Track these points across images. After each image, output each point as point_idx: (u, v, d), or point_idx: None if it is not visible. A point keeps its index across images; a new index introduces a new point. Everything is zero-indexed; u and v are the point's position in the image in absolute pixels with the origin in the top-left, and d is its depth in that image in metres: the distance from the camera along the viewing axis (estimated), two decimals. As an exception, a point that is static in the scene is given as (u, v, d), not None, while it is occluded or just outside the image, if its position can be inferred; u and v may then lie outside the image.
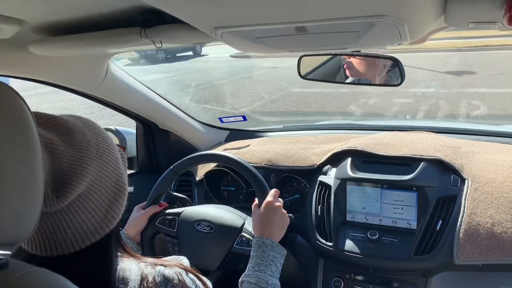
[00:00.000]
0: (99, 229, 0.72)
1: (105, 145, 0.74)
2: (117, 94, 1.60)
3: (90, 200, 0.71)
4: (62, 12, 0.94)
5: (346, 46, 0.99)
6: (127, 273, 0.73)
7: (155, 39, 0.94)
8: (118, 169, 0.75)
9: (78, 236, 0.70)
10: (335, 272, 1.44)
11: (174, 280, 0.75)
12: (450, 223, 1.28)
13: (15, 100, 0.57)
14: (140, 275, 0.74)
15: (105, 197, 0.73)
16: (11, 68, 1.27)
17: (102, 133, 0.76)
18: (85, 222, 0.71)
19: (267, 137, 2.00)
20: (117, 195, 0.75)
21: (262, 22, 0.75)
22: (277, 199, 1.24)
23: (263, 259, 1.09)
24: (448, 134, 1.70)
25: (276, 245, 1.13)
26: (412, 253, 1.29)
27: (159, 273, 0.75)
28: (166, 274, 0.76)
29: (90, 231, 0.71)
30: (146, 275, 0.74)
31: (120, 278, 0.72)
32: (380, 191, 1.40)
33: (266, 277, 1.05)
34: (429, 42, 7.04)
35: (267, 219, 1.18)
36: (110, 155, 0.74)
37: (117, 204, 0.75)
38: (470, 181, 1.33)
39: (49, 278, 0.61)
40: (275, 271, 1.09)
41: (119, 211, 0.76)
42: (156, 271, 0.75)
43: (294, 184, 1.63)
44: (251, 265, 1.09)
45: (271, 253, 1.11)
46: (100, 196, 0.72)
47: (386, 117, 6.54)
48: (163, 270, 0.76)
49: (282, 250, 1.14)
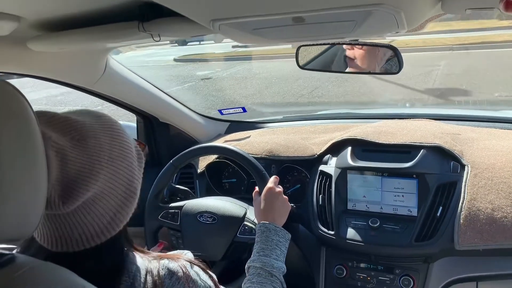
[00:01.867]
0: (106, 231, 0.72)
1: (119, 149, 0.73)
2: (116, 89, 1.60)
3: (98, 205, 0.70)
4: (60, 7, 0.94)
5: (343, 36, 0.99)
6: (132, 267, 0.74)
7: (153, 33, 0.94)
8: (130, 173, 0.74)
9: (84, 236, 0.71)
10: (338, 260, 1.45)
11: (178, 272, 0.76)
12: (451, 209, 1.29)
13: (18, 99, 0.57)
14: (145, 269, 0.74)
15: (114, 202, 0.72)
16: (10, 65, 1.27)
17: (118, 135, 0.74)
18: (92, 225, 0.71)
19: (267, 128, 2.00)
20: (126, 199, 0.74)
21: (259, 13, 0.75)
22: (277, 185, 1.25)
23: (267, 244, 1.10)
24: (447, 121, 1.70)
25: (280, 230, 1.15)
26: (413, 240, 1.30)
27: (164, 266, 0.76)
28: (171, 267, 0.76)
29: (96, 232, 0.71)
30: (151, 269, 0.75)
31: (125, 271, 0.73)
32: (380, 179, 1.41)
33: (271, 261, 1.07)
34: (415, 37, 6.98)
35: (268, 205, 1.20)
36: (123, 160, 0.73)
37: (126, 208, 0.74)
38: (469, 167, 1.34)
39: (55, 272, 0.62)
40: (280, 255, 1.10)
41: (127, 214, 0.75)
42: (161, 265, 0.76)
43: (295, 174, 1.64)
44: (256, 250, 1.10)
45: (275, 238, 1.12)
46: (108, 201, 0.71)
47: (385, 105, 6.54)
48: (168, 263, 0.77)
49: (286, 234, 1.15)
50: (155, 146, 1.89)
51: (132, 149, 0.77)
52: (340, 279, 1.44)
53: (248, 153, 1.53)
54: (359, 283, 1.41)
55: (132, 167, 0.75)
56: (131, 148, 0.76)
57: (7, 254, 0.60)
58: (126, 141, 0.75)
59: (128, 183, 0.74)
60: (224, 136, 1.95)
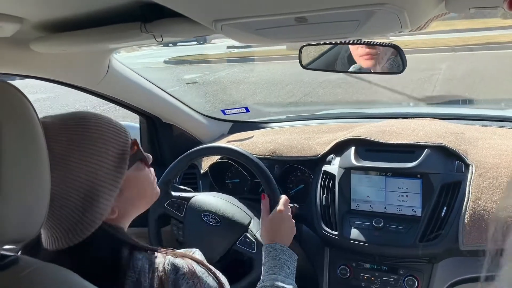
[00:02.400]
0: (79, 232, 0.74)
1: (75, 154, 0.72)
2: (119, 89, 1.60)
3: (54, 209, 0.72)
4: (62, 9, 0.94)
5: (346, 35, 0.98)
6: (138, 263, 0.75)
7: (156, 34, 0.94)
8: (90, 180, 0.73)
9: (65, 233, 0.74)
10: (341, 261, 1.45)
11: (183, 268, 0.76)
12: (455, 209, 1.28)
13: (21, 100, 0.58)
14: (150, 265, 0.75)
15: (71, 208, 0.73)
16: (13, 66, 1.27)
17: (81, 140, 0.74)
18: (60, 225, 0.73)
19: (270, 128, 2.00)
20: (88, 206, 0.74)
21: (262, 14, 0.75)
22: (287, 207, 1.23)
23: (275, 262, 1.08)
24: (452, 120, 1.69)
25: (286, 249, 1.12)
26: (417, 240, 1.29)
27: (169, 262, 0.76)
28: (176, 263, 0.76)
29: (72, 229, 0.73)
30: (157, 264, 0.75)
31: (131, 267, 0.74)
32: (384, 179, 1.40)
33: (281, 278, 1.04)
34: (414, 38, 6.74)
35: (277, 227, 1.18)
36: (79, 165, 0.72)
37: (90, 213, 0.74)
38: (474, 167, 1.33)
39: (58, 273, 0.62)
40: (289, 274, 1.07)
41: (94, 218, 0.75)
42: (166, 260, 0.77)
43: (298, 174, 1.64)
44: (265, 270, 1.07)
45: (282, 257, 1.10)
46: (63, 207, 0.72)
47: (388, 104, 6.49)
48: (173, 259, 0.77)
49: (293, 255, 1.13)
50: (158, 147, 1.89)
51: (101, 152, 0.75)
52: (344, 280, 1.43)
53: (251, 153, 1.53)
54: (363, 283, 1.41)
55: (95, 172, 0.74)
56: (98, 151, 0.75)
57: (11, 256, 0.60)
58: (93, 144, 0.75)
59: (87, 189, 0.73)
60: (227, 136, 1.95)
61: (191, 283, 0.75)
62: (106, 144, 0.76)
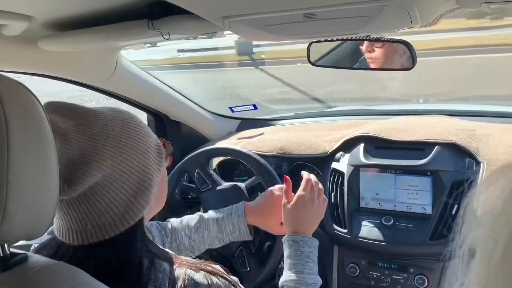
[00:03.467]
0: (119, 223, 0.72)
1: (131, 139, 0.74)
2: (127, 87, 1.61)
3: (108, 192, 0.70)
4: (70, 7, 0.94)
5: (355, 32, 0.98)
6: (159, 275, 0.73)
7: (163, 31, 0.94)
8: (144, 164, 0.75)
9: (97, 227, 0.71)
10: (351, 259, 1.44)
11: (203, 284, 0.74)
12: (466, 207, 1.26)
13: (31, 99, 0.58)
14: (169, 277, 0.74)
15: (125, 191, 0.72)
16: (22, 64, 1.28)
17: (131, 126, 0.75)
18: (104, 214, 0.71)
19: (278, 125, 1.99)
20: (140, 190, 0.74)
21: (270, 10, 0.75)
22: (308, 191, 1.13)
23: (297, 259, 1.03)
24: (462, 116, 1.67)
25: (309, 239, 1.06)
26: (427, 238, 1.28)
27: (189, 277, 0.74)
28: (196, 278, 0.74)
29: (109, 223, 0.71)
30: (177, 278, 0.74)
31: (152, 279, 0.72)
32: (394, 176, 1.39)
33: (305, 278, 1.00)
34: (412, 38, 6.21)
35: (298, 215, 1.09)
36: (135, 150, 0.74)
37: (140, 200, 0.74)
38: (485, 164, 1.31)
39: (67, 272, 0.62)
40: (312, 267, 1.03)
41: (141, 207, 0.75)
42: (186, 275, 0.75)
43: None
44: (287, 267, 1.03)
45: (305, 250, 1.04)
46: (118, 189, 0.71)
47: (398, 101, 6.40)
48: (193, 274, 0.75)
49: (315, 241, 1.07)
50: (166, 144, 1.90)
51: (149, 142, 0.77)
52: (353, 278, 1.42)
53: (260, 151, 1.52)
54: (373, 282, 1.40)
55: (147, 159, 0.75)
56: (147, 140, 0.77)
57: (20, 253, 0.60)
58: (142, 133, 0.76)
59: (142, 173, 0.74)
60: (236, 133, 1.94)
61: None
62: (150, 135, 0.79)
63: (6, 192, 0.53)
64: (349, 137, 1.52)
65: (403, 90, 6.65)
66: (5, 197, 0.53)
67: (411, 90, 6.36)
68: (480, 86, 6.48)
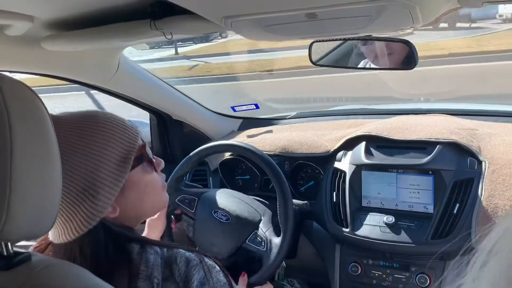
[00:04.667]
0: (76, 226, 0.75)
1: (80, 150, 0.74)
2: (129, 87, 1.61)
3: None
4: (72, 7, 0.94)
5: (357, 31, 0.98)
6: (150, 257, 0.76)
7: (165, 31, 0.94)
8: (90, 175, 0.74)
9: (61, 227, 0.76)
10: (352, 258, 1.44)
11: (194, 260, 0.78)
12: (468, 206, 1.26)
13: (34, 100, 0.58)
14: (162, 259, 0.77)
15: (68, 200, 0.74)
16: (25, 64, 1.28)
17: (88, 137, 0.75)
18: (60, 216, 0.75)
19: (280, 124, 1.99)
20: (84, 201, 0.74)
21: (272, 10, 0.75)
22: None
23: None
24: (464, 116, 1.67)
25: None
26: (429, 237, 1.28)
27: (181, 255, 0.78)
28: (187, 256, 0.78)
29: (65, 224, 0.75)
30: (168, 257, 0.77)
31: (143, 261, 0.75)
32: (395, 175, 1.39)
33: None
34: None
35: None
36: (82, 161, 0.74)
37: (86, 209, 0.75)
38: (487, 163, 1.31)
39: (70, 270, 0.63)
40: None
41: (92, 215, 0.75)
42: (177, 253, 0.78)
43: (308, 171, 1.63)
44: None
45: None
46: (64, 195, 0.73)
47: (400, 100, 6.37)
48: (184, 252, 0.78)
49: None
50: (168, 144, 1.90)
51: (105, 150, 0.76)
52: (355, 277, 1.43)
53: (262, 150, 1.53)
54: (375, 280, 1.40)
55: (96, 169, 0.75)
56: (102, 149, 0.76)
57: (23, 253, 0.60)
58: (99, 142, 0.76)
59: (87, 184, 0.74)
60: (237, 133, 1.94)
61: (202, 274, 0.77)
62: (111, 143, 0.77)
63: (10, 191, 0.53)
64: (351, 136, 1.53)
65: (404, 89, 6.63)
66: (8, 196, 0.53)
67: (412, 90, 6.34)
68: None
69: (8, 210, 0.53)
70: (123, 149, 0.79)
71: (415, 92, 6.25)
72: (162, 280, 0.74)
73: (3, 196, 0.53)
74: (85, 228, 0.75)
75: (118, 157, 0.78)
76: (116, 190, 0.78)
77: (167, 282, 0.75)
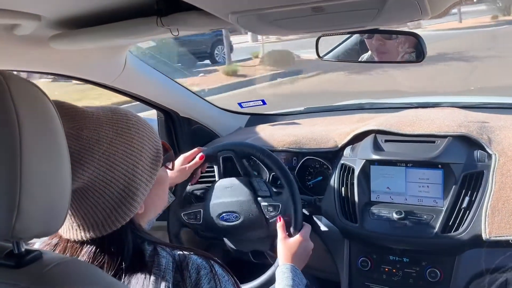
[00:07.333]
0: (101, 228, 0.75)
1: (120, 145, 0.75)
2: (136, 84, 1.61)
3: (91, 197, 0.73)
4: (79, 5, 0.94)
5: (364, 25, 0.97)
6: (162, 260, 0.76)
7: (172, 28, 0.94)
8: (132, 172, 0.76)
9: (91, 224, 0.74)
10: (362, 253, 1.43)
11: (205, 268, 0.77)
12: (478, 199, 1.25)
13: (43, 99, 0.58)
14: (173, 262, 0.76)
15: (108, 197, 0.74)
16: (33, 63, 1.29)
17: (125, 132, 0.76)
18: (87, 217, 0.74)
19: (288, 120, 1.99)
20: (124, 198, 0.75)
21: (278, 5, 0.74)
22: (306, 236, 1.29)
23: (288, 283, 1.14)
24: (473, 109, 1.66)
25: (299, 273, 1.20)
26: (439, 231, 1.27)
27: (192, 261, 0.77)
28: (199, 263, 0.78)
29: (92, 225, 0.74)
30: (180, 262, 0.77)
31: (156, 264, 0.75)
32: (404, 169, 1.38)
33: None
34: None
35: (295, 252, 1.24)
36: (123, 156, 0.74)
37: (123, 207, 0.76)
38: (497, 156, 1.30)
39: (81, 268, 0.63)
40: None
41: (129, 211, 0.76)
42: (189, 259, 0.78)
43: (316, 166, 1.63)
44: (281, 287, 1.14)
45: (296, 279, 1.16)
46: (102, 195, 0.73)
47: (408, 94, 6.35)
48: (196, 259, 0.78)
49: (303, 279, 1.20)
50: (176, 141, 1.90)
51: (143, 149, 0.78)
52: (365, 272, 1.42)
53: (269, 145, 1.52)
54: (384, 275, 1.39)
55: (136, 167, 0.76)
56: (139, 147, 0.77)
57: (34, 251, 0.61)
58: (135, 140, 0.77)
59: (128, 181, 0.75)
60: (245, 129, 1.94)
61: (212, 284, 0.76)
62: (146, 141, 0.79)
63: (20, 190, 0.53)
64: (359, 131, 1.52)
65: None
66: (19, 195, 0.53)
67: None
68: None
69: (19, 208, 0.54)
70: (154, 146, 0.81)
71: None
72: (173, 285, 0.74)
73: (14, 195, 0.53)
74: (119, 224, 0.76)
75: (151, 154, 0.80)
76: (150, 187, 0.80)
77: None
